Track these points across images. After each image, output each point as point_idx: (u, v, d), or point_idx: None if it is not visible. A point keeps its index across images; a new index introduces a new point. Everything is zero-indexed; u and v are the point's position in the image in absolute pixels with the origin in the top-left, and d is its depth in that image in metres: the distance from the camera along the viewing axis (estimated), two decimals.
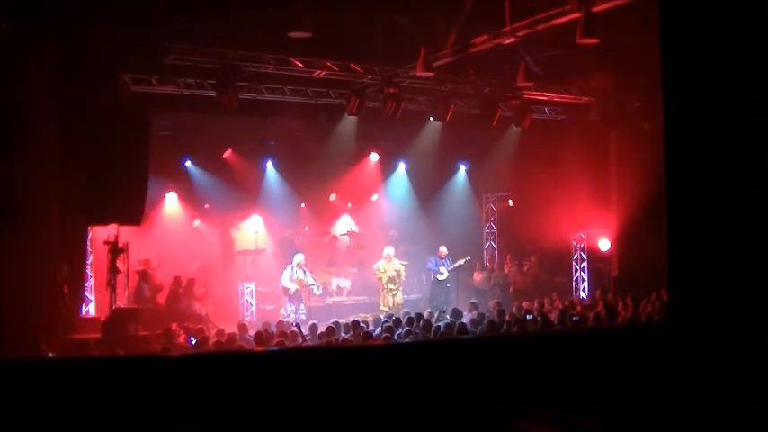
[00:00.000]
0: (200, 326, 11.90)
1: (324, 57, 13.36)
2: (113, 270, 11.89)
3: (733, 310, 3.43)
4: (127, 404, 2.86)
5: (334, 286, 16.48)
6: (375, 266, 15.47)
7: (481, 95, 15.89)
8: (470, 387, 3.28)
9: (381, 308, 15.08)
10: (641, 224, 14.19)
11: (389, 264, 15.23)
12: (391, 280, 15.16)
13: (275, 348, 8.65)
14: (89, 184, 11.36)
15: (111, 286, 11.91)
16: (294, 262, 14.77)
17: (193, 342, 10.43)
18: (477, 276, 17.10)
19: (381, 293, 15.28)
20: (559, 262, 17.55)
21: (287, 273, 14.65)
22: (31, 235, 9.71)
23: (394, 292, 15.14)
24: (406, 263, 15.74)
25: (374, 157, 18.58)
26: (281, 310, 14.66)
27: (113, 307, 12.12)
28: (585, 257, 17.06)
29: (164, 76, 12.77)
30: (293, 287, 14.50)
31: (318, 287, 15.02)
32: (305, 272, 14.76)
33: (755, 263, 3.36)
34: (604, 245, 16.72)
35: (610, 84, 15.84)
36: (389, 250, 15.44)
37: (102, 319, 12.29)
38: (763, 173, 3.31)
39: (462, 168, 19.27)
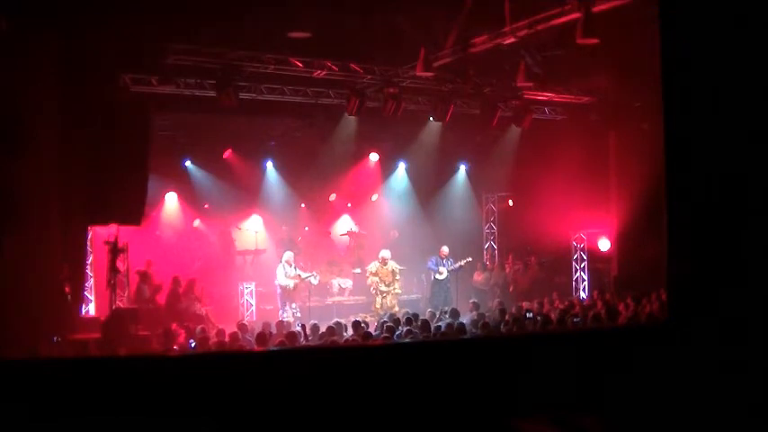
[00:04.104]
0: (200, 326, 11.90)
1: (324, 57, 13.35)
2: (113, 270, 11.90)
3: (733, 310, 3.43)
4: (127, 404, 2.86)
5: (335, 287, 16.47)
6: (368, 268, 15.49)
7: (481, 95, 15.88)
8: (470, 387, 3.28)
9: (376, 307, 15.10)
10: (641, 224, 14.18)
11: (384, 267, 15.21)
12: (381, 283, 15.14)
13: (276, 348, 8.65)
14: (89, 184, 11.36)
15: (112, 286, 11.92)
16: (284, 259, 14.77)
17: (193, 345, 10.43)
18: (478, 276, 17.12)
19: (373, 295, 15.33)
20: (559, 262, 17.56)
21: (281, 271, 14.65)
22: (30, 235, 9.70)
23: (384, 294, 15.15)
24: (403, 267, 15.75)
25: (374, 157, 18.58)
26: (280, 312, 14.65)
27: (113, 307, 12.13)
28: (585, 257, 17.07)
29: (164, 76, 12.76)
30: (291, 283, 14.50)
31: (315, 276, 14.95)
32: (295, 268, 14.75)
33: (755, 263, 3.36)
34: (604, 245, 16.73)
35: (610, 84, 15.83)
36: (385, 253, 15.42)
37: (102, 319, 12.30)
38: (763, 172, 3.31)
39: (462, 168, 19.27)
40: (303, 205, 18.20)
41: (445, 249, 15.81)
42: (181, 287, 14.43)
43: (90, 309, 13.37)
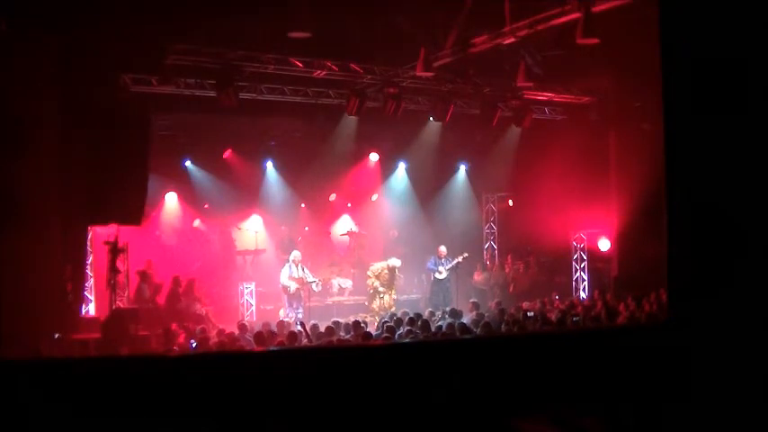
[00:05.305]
0: (200, 326, 11.91)
1: (324, 57, 13.36)
2: (113, 270, 11.90)
3: (733, 310, 3.43)
4: (127, 404, 2.86)
5: (335, 287, 16.48)
6: (372, 268, 15.49)
7: (481, 95, 15.90)
8: (470, 387, 3.28)
9: (373, 307, 15.14)
10: (641, 224, 14.19)
11: (392, 275, 15.29)
12: (380, 285, 15.23)
13: (275, 348, 8.65)
14: (89, 184, 11.36)
15: (112, 286, 11.92)
16: (291, 259, 14.81)
17: (194, 345, 10.44)
18: (478, 276, 17.13)
19: (370, 295, 15.37)
20: (559, 262, 17.56)
21: (285, 271, 14.70)
22: (30, 235, 9.71)
23: (382, 295, 15.22)
24: (401, 275, 15.85)
25: (374, 157, 18.58)
26: (281, 311, 14.69)
27: (113, 307, 12.13)
28: (585, 257, 17.07)
29: (164, 76, 12.76)
30: (293, 285, 14.53)
31: (318, 284, 15.05)
32: (303, 269, 14.79)
33: (755, 263, 3.36)
34: (604, 245, 16.72)
35: (610, 84, 15.85)
36: (396, 262, 15.47)
37: (102, 319, 12.30)
38: (763, 172, 3.31)
39: (462, 168, 19.27)
40: (303, 205, 18.19)
41: (443, 249, 15.82)
42: (181, 287, 14.43)
43: (90, 309, 13.37)
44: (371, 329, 11.62)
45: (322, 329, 10.82)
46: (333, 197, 18.49)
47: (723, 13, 3.39)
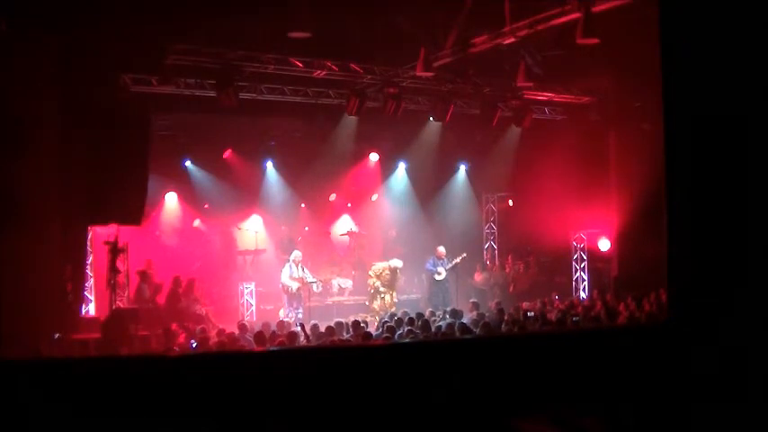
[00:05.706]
0: (200, 326, 11.90)
1: (324, 57, 13.36)
2: (113, 270, 11.90)
3: (733, 310, 3.43)
4: (127, 404, 2.86)
5: (335, 287, 16.49)
6: (374, 268, 15.47)
7: (481, 95, 15.90)
8: (470, 387, 3.28)
9: (374, 307, 15.14)
10: (641, 224, 14.18)
11: (393, 276, 15.30)
12: (381, 285, 15.25)
13: (275, 348, 8.65)
14: (89, 184, 11.36)
15: (111, 286, 11.92)
16: (291, 258, 14.81)
17: (194, 345, 10.44)
18: (478, 276, 17.13)
19: (371, 295, 15.37)
20: (559, 262, 17.56)
21: (286, 271, 14.70)
22: (30, 235, 9.71)
23: (382, 295, 15.23)
24: (402, 276, 15.88)
25: (374, 157, 18.58)
26: (281, 311, 14.69)
27: (113, 307, 12.13)
28: (585, 257, 17.06)
29: (164, 76, 12.76)
30: (294, 285, 14.53)
31: (318, 285, 15.06)
32: (303, 269, 14.80)
33: (755, 262, 3.35)
34: (604, 245, 16.72)
35: (610, 84, 15.85)
36: (398, 263, 15.47)
37: (102, 319, 12.30)
38: (763, 172, 3.31)
39: (462, 168, 19.28)
40: (303, 205, 18.20)
41: (441, 250, 15.82)
42: (181, 287, 14.43)
43: (90, 309, 13.37)
44: (371, 329, 11.62)
45: (322, 329, 10.83)
46: (333, 197, 18.49)
47: (723, 12, 3.39)
